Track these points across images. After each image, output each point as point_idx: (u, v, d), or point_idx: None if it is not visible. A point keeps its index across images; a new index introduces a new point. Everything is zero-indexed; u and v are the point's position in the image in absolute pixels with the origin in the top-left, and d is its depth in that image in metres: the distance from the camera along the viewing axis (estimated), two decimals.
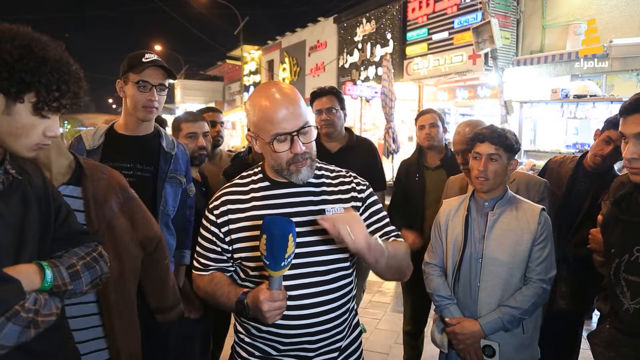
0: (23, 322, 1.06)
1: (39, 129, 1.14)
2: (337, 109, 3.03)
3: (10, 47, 1.05)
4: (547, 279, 2.01)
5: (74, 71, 1.16)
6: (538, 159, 7.37)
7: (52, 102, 1.11)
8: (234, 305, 1.40)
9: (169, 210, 2.20)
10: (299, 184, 1.48)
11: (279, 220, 1.23)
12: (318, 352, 1.50)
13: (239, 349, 1.59)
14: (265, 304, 1.26)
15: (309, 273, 1.45)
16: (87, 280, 1.26)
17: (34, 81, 1.07)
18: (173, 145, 2.24)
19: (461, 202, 2.19)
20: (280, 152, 1.39)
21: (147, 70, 2.05)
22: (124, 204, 1.68)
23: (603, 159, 2.61)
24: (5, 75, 1.05)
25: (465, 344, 2.04)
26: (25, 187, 1.22)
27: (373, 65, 12.76)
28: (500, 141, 2.03)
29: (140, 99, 2.06)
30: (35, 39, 1.10)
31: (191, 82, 30.30)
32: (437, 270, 2.21)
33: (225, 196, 1.52)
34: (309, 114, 1.47)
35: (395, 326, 4.28)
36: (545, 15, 8.88)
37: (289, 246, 1.22)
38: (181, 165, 2.27)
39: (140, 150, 2.14)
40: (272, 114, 1.37)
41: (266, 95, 1.40)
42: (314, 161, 1.47)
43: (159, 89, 2.09)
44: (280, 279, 1.28)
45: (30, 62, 1.06)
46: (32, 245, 1.20)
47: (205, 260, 1.55)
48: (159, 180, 2.13)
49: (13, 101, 1.08)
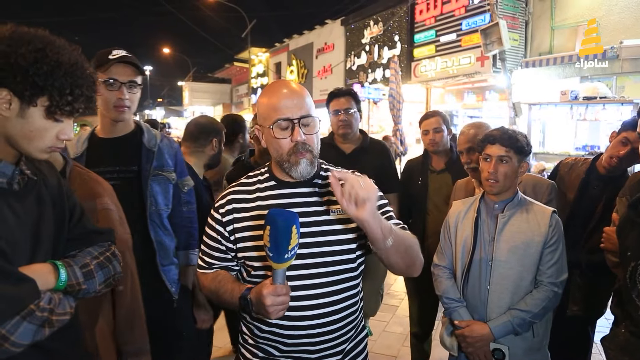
0: (38, 320, 1.08)
1: (52, 132, 1.15)
2: (354, 110, 3.02)
3: (25, 51, 1.06)
4: (559, 282, 1.99)
5: (88, 75, 1.16)
6: (547, 161, 7.32)
7: (65, 106, 1.12)
8: (237, 301, 1.40)
9: (161, 209, 2.12)
10: (306, 184, 1.49)
11: (283, 211, 1.23)
12: (320, 353, 1.49)
13: (244, 350, 1.60)
14: (268, 298, 1.26)
15: (313, 274, 1.44)
16: (101, 280, 1.27)
17: (47, 85, 1.08)
18: (155, 141, 2.15)
19: (471, 204, 2.18)
20: (280, 138, 1.41)
21: (114, 68, 1.97)
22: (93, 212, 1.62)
23: (619, 161, 2.57)
24: (19, 79, 1.06)
25: (474, 347, 2.02)
26: (40, 187, 1.23)
27: (380, 68, 12.77)
28: (511, 143, 2.01)
29: (110, 98, 1.98)
30: (51, 42, 1.11)
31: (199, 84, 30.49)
32: (446, 272, 2.20)
33: (230, 195, 1.54)
34: (315, 110, 1.48)
35: (403, 329, 4.26)
36: (554, 16, 8.84)
37: (292, 238, 1.22)
38: (167, 160, 2.17)
39: (121, 151, 2.08)
40: (275, 102, 1.41)
41: (274, 89, 1.46)
42: (315, 158, 1.47)
43: (129, 86, 2.01)
44: (283, 273, 1.28)
45: (44, 66, 1.07)
46: (47, 245, 1.21)
47: (209, 259, 1.56)
48: (143, 178, 2.06)
49: (27, 105, 1.09)
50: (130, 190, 2.00)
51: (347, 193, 1.21)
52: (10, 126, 1.11)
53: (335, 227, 1.47)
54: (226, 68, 26.91)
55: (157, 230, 2.09)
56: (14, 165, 1.16)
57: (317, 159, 1.49)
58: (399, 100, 8.84)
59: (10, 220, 1.12)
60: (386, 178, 2.97)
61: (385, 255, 1.36)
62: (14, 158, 1.17)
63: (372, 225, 1.24)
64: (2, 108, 1.08)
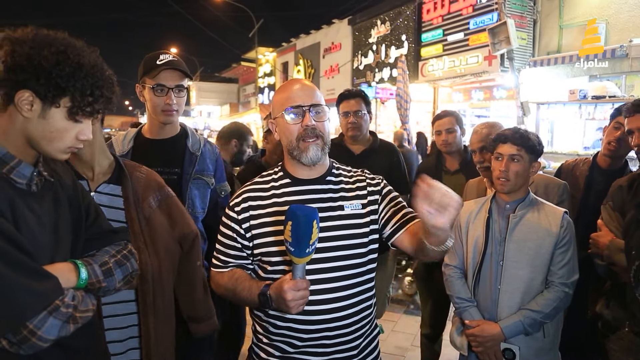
0: (63, 316, 1.10)
1: (72, 133, 1.18)
2: (364, 112, 3.01)
3: (47, 54, 1.08)
4: (570, 282, 1.99)
5: (107, 76, 1.19)
6: (555, 160, 7.27)
7: (86, 107, 1.15)
8: (256, 298, 1.42)
9: (198, 212, 2.18)
10: (319, 182, 1.54)
11: (304, 207, 1.27)
12: (336, 348, 1.51)
13: (258, 350, 1.60)
14: (289, 292, 1.28)
15: (329, 268, 1.47)
16: (120, 277, 1.30)
17: (69, 86, 1.10)
18: (199, 145, 2.22)
19: (482, 204, 2.18)
20: (291, 123, 1.48)
21: (162, 74, 2.03)
22: (162, 201, 1.71)
23: (617, 142, 2.59)
24: (42, 81, 1.08)
25: (485, 346, 2.03)
26: (56, 188, 1.26)
27: (388, 67, 12.74)
28: (522, 142, 2.02)
29: (158, 103, 2.04)
30: (71, 45, 1.13)
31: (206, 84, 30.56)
32: (457, 272, 2.20)
33: (246, 193, 1.57)
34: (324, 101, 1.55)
35: (412, 328, 4.27)
36: (563, 15, 8.79)
37: (313, 232, 1.24)
38: (208, 165, 2.23)
39: (166, 152, 2.14)
40: (288, 93, 1.51)
41: (286, 85, 1.57)
42: (326, 145, 1.52)
43: (177, 91, 2.07)
44: (303, 268, 1.30)
45: (67, 68, 1.10)
46: (65, 244, 1.24)
47: (224, 257, 1.58)
48: (184, 182, 2.12)
49: (49, 106, 1.11)
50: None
51: (436, 201, 1.17)
52: (31, 127, 1.13)
53: (349, 222, 1.51)
54: (233, 68, 26.96)
55: None
56: (32, 166, 1.18)
57: (328, 148, 1.53)
58: (407, 99, 8.83)
59: (30, 221, 1.14)
60: (396, 179, 2.97)
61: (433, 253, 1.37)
62: (33, 159, 1.19)
63: (445, 230, 1.23)
64: (25, 109, 1.10)
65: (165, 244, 1.68)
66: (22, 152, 1.16)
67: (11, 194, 1.11)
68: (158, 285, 1.64)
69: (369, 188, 1.58)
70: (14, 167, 1.14)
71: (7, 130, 1.14)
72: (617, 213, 2.07)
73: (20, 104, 1.10)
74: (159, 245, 1.66)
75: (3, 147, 1.13)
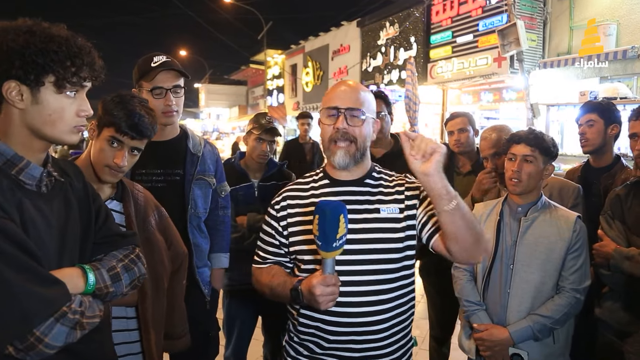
0: (70, 323, 1.09)
1: (70, 111, 1.17)
2: (385, 113, 2.89)
3: (14, 36, 1.08)
4: (581, 288, 1.96)
5: (82, 44, 1.17)
6: (565, 163, 7.20)
7: (71, 77, 1.14)
8: (289, 293, 1.44)
9: (200, 213, 2.20)
10: (357, 184, 1.55)
11: (331, 201, 1.28)
12: (364, 353, 1.49)
13: (288, 347, 1.64)
14: (318, 287, 1.30)
15: (361, 270, 1.47)
16: (127, 282, 1.30)
17: (47, 61, 1.10)
18: (200, 147, 2.23)
19: (493, 206, 2.16)
20: (325, 124, 1.51)
21: (159, 76, 2.03)
22: (159, 221, 1.75)
23: (584, 138, 2.66)
24: (18, 63, 1.07)
25: (493, 351, 2.01)
26: (67, 189, 1.25)
27: (397, 69, 12.70)
28: (536, 143, 2.00)
29: (157, 105, 2.03)
30: (36, 23, 1.13)
31: (215, 86, 30.67)
32: (466, 274, 2.18)
33: (286, 192, 1.63)
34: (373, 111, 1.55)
35: (419, 331, 4.24)
36: (573, 16, 8.70)
37: (340, 227, 1.25)
38: (209, 165, 2.25)
39: (168, 154, 2.16)
40: (331, 94, 1.55)
41: (333, 86, 1.59)
42: (358, 151, 1.51)
43: (174, 91, 2.08)
44: (332, 263, 1.31)
45: (37, 44, 1.09)
46: (72, 247, 1.23)
47: (264, 254, 1.63)
48: (186, 182, 2.14)
49: (37, 88, 1.11)
50: (173, 193, 2.08)
51: (416, 146, 1.26)
52: (29, 117, 1.13)
53: (385, 225, 1.50)
54: (242, 70, 27.00)
55: (194, 233, 2.17)
56: (42, 167, 1.18)
57: (360, 153, 1.52)
58: (415, 101, 8.78)
59: (38, 222, 1.13)
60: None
61: (451, 219, 1.32)
62: (42, 158, 1.19)
63: (436, 180, 1.27)
64: (16, 100, 1.10)
65: (161, 260, 1.71)
66: (29, 149, 1.15)
67: (20, 196, 1.11)
68: (156, 301, 1.67)
69: (407, 192, 1.56)
70: (23, 168, 1.13)
71: (9, 130, 1.13)
72: (618, 221, 2.05)
73: (10, 96, 1.09)
74: (157, 261, 1.68)
75: (10, 149, 1.12)
